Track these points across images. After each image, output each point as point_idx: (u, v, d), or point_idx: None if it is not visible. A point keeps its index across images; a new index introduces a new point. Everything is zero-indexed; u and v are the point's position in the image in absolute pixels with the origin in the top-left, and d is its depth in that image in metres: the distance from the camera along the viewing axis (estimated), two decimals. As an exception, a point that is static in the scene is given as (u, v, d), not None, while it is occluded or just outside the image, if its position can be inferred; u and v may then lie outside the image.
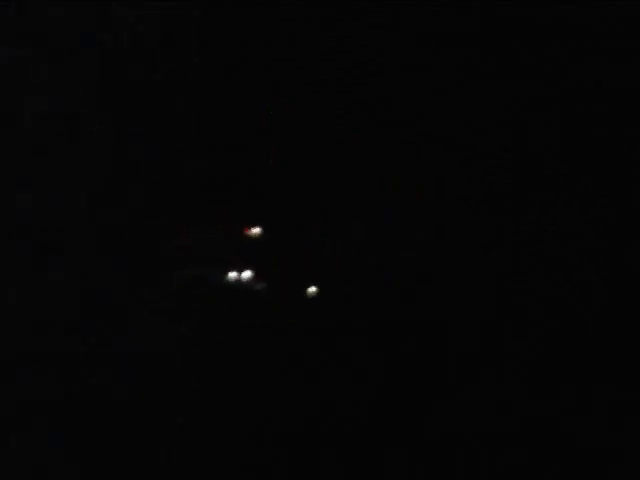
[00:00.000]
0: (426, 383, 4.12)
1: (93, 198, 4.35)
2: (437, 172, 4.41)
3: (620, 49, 4.38)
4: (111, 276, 4.26)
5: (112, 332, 4.15)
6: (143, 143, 4.42)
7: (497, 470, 3.97)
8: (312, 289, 4.26)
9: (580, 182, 4.34)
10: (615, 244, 4.28)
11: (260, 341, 4.18)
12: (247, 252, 4.34)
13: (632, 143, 4.36)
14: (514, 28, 4.44)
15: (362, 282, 4.31)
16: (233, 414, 4.05)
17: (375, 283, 4.30)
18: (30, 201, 4.31)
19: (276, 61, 4.48)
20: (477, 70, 4.44)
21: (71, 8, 4.46)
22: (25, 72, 4.42)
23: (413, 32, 4.47)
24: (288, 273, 4.33)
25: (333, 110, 4.46)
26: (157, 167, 4.41)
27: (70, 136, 4.40)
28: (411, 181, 4.40)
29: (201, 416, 4.04)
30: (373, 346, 4.19)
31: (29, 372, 4.07)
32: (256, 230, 4.33)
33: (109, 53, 4.46)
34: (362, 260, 4.33)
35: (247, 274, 4.29)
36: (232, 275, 4.28)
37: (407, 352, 4.17)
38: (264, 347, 4.17)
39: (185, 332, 4.18)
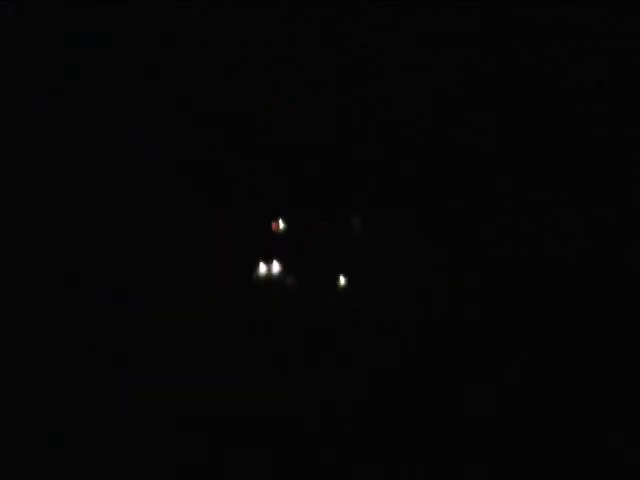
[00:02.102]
0: (426, 383, 4.12)
1: (93, 198, 4.35)
2: (437, 172, 4.41)
3: (620, 49, 4.38)
4: (109, 275, 4.26)
5: (112, 332, 4.16)
6: (143, 143, 4.42)
7: (497, 470, 3.97)
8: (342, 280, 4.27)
9: (580, 182, 4.34)
10: (615, 244, 4.27)
11: (260, 341, 4.18)
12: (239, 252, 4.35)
13: (632, 143, 4.36)
14: (514, 28, 4.44)
15: (362, 282, 4.31)
16: (232, 414, 4.04)
17: (375, 283, 4.30)
18: (30, 200, 4.31)
19: (276, 61, 4.49)
20: (477, 70, 4.45)
21: (71, 8, 4.46)
22: (25, 72, 4.43)
23: (413, 32, 4.47)
24: (287, 275, 4.33)
25: (333, 110, 4.46)
26: (157, 167, 4.41)
27: (70, 136, 4.40)
28: (411, 181, 4.40)
29: (201, 416, 4.04)
30: (373, 346, 4.19)
31: (29, 372, 4.08)
32: (280, 224, 4.32)
33: (109, 53, 4.46)
34: (361, 260, 4.33)
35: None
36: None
37: (407, 352, 4.17)
38: (264, 347, 4.17)
39: (184, 331, 4.18)
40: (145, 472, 3.95)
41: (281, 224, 4.33)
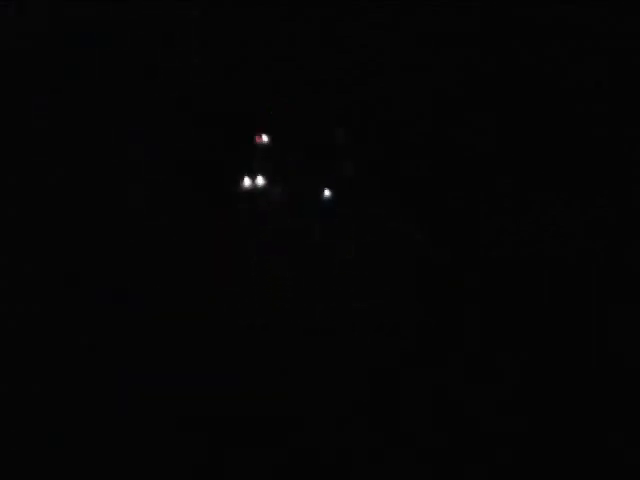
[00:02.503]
0: (426, 383, 4.12)
1: (93, 198, 4.35)
2: (437, 172, 4.41)
3: (620, 49, 4.39)
4: (109, 275, 4.27)
5: (112, 332, 4.16)
6: (143, 143, 4.42)
7: (497, 470, 3.97)
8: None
9: (580, 182, 4.34)
10: (615, 244, 4.28)
11: (260, 341, 4.18)
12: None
13: (632, 143, 4.36)
14: (514, 28, 4.44)
15: (362, 282, 4.31)
16: (232, 414, 4.05)
17: (375, 283, 4.30)
18: (30, 200, 4.32)
19: (276, 61, 4.49)
20: (477, 70, 4.45)
21: (71, 8, 4.47)
22: (25, 72, 4.43)
23: (413, 32, 4.47)
24: (287, 277, 4.34)
25: (333, 110, 4.47)
26: (157, 167, 4.42)
27: (70, 136, 4.40)
28: (411, 181, 4.40)
29: (201, 416, 4.04)
30: (373, 346, 4.19)
31: (29, 372, 4.08)
32: (264, 138, 4.31)
33: (109, 53, 4.46)
34: (361, 260, 4.34)
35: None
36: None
37: (407, 352, 4.17)
38: (264, 347, 4.17)
39: (184, 331, 4.18)
40: (145, 472, 3.95)
41: (264, 137, 4.32)
